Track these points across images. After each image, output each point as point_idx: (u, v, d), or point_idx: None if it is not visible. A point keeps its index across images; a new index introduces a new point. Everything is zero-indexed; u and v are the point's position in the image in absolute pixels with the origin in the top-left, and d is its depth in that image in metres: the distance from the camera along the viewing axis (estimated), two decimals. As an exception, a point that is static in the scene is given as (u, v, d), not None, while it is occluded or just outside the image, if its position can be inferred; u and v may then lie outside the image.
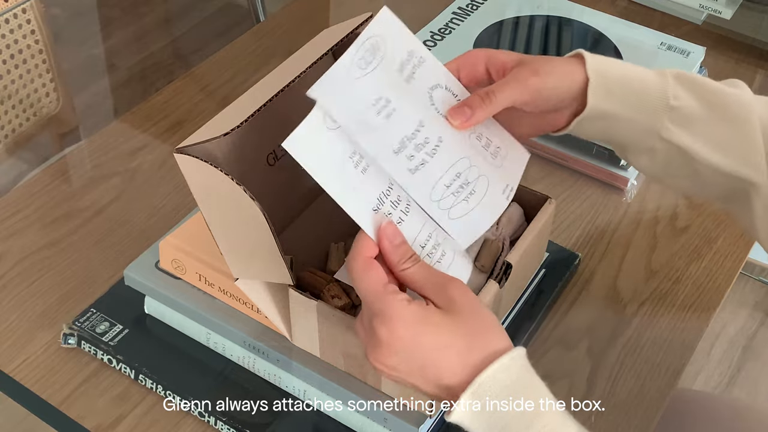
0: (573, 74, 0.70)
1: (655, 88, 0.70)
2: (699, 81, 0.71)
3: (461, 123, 0.67)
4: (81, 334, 0.79)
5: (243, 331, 0.74)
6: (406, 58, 0.66)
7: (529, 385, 0.58)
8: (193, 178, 0.65)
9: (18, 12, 1.35)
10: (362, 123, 0.62)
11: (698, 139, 0.70)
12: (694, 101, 0.70)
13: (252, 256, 0.67)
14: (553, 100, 0.69)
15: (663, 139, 0.70)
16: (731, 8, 1.25)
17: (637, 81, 0.70)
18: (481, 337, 0.58)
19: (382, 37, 0.64)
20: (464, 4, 1.22)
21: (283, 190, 0.75)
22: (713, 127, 0.70)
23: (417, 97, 0.66)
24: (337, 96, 0.61)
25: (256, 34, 1.22)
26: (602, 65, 0.71)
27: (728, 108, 0.70)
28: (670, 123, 0.70)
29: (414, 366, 0.58)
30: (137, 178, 0.99)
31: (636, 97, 0.70)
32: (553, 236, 0.93)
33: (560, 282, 0.87)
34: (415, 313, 0.58)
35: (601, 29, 1.19)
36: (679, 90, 0.70)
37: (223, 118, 0.67)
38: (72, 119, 1.53)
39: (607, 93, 0.70)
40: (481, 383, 0.56)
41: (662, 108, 0.70)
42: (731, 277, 0.91)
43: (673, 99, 0.69)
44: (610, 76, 0.70)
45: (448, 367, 0.57)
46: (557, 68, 0.70)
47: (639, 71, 0.71)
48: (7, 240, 0.90)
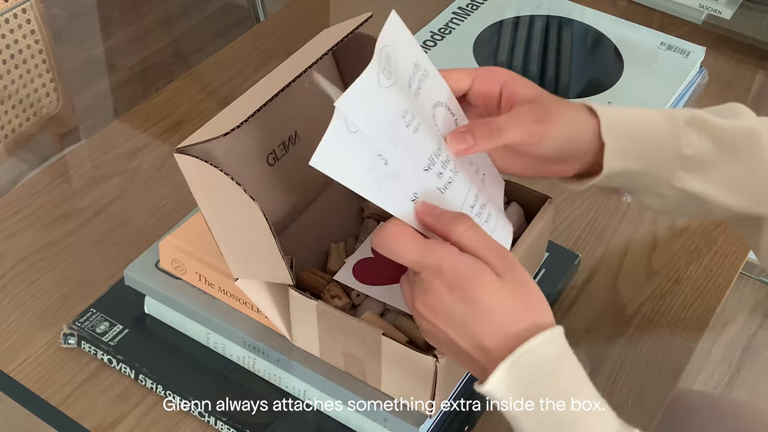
0: (583, 127, 0.67)
1: (667, 139, 0.68)
2: (710, 122, 0.69)
3: (461, 150, 0.63)
4: (81, 334, 0.79)
5: (243, 331, 0.74)
6: (413, 71, 0.62)
7: (569, 363, 0.58)
8: (193, 178, 0.65)
9: (18, 12, 1.35)
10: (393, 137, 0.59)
11: (710, 183, 0.69)
12: (706, 146, 0.68)
13: (252, 256, 0.67)
14: (555, 150, 0.66)
15: (674, 187, 0.69)
16: (731, 8, 1.25)
17: (649, 133, 0.68)
18: (527, 310, 0.58)
19: (393, 46, 0.60)
20: (464, 4, 1.22)
21: (283, 190, 0.75)
22: (725, 170, 0.69)
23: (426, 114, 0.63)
24: (365, 107, 0.57)
25: (256, 34, 1.22)
26: (615, 123, 0.67)
27: (739, 147, 0.69)
28: (682, 171, 0.69)
29: (457, 316, 0.57)
30: (137, 178, 0.99)
31: (648, 150, 0.68)
32: (553, 236, 0.93)
33: (560, 282, 0.87)
34: (470, 265, 0.57)
35: (601, 29, 1.19)
36: (691, 136, 0.68)
37: (223, 118, 0.67)
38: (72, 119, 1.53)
39: (621, 153, 0.67)
40: (522, 354, 0.56)
41: (675, 158, 0.68)
42: (731, 277, 0.91)
43: (686, 147, 0.68)
44: (623, 134, 0.67)
45: (489, 329, 0.57)
46: (568, 117, 0.67)
47: (650, 120, 0.69)
48: (7, 240, 0.90)
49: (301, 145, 0.77)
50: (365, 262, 0.70)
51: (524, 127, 0.65)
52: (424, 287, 0.58)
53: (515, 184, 0.78)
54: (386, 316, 0.70)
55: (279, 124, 0.75)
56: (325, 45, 0.71)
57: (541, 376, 0.56)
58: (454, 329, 0.58)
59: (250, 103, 0.66)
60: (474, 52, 1.13)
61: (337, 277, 0.69)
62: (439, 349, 0.63)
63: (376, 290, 0.68)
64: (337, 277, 0.69)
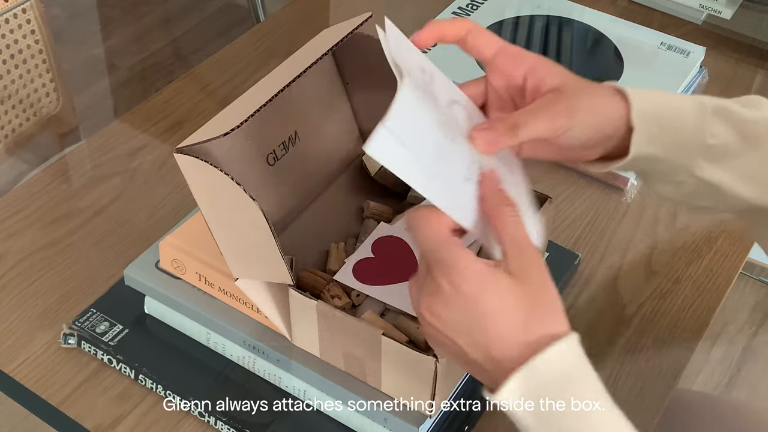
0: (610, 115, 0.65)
1: (692, 127, 0.67)
2: (736, 112, 0.68)
3: (486, 147, 0.61)
4: (81, 334, 0.79)
5: (243, 331, 0.74)
6: (421, 77, 0.60)
7: (584, 374, 0.56)
8: (193, 178, 0.65)
9: (18, 12, 1.35)
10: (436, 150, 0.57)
11: (729, 173, 0.68)
12: (730, 136, 0.68)
13: (252, 256, 0.67)
14: (580, 140, 0.64)
15: (694, 176, 0.68)
16: (731, 8, 1.25)
17: (676, 120, 0.67)
18: (542, 317, 0.56)
19: (401, 56, 0.58)
20: (464, 4, 1.22)
21: (283, 190, 0.75)
22: (745, 160, 0.68)
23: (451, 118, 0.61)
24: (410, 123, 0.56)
25: (256, 34, 1.22)
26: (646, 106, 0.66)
27: (761, 138, 0.68)
28: (704, 161, 0.68)
29: (464, 324, 0.55)
30: (137, 178, 0.99)
31: (674, 137, 0.67)
32: (553, 236, 0.93)
33: (560, 282, 0.87)
34: (481, 271, 0.55)
35: (601, 29, 1.19)
36: (717, 125, 0.67)
37: (223, 118, 0.67)
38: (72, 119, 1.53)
39: (648, 138, 0.66)
40: (536, 365, 0.54)
41: (698, 147, 0.67)
42: (731, 277, 0.91)
43: (710, 137, 0.67)
44: (651, 119, 0.66)
45: (499, 337, 0.55)
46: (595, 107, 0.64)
47: (678, 107, 0.67)
48: (7, 240, 0.90)
49: (301, 145, 0.77)
50: (365, 262, 0.70)
51: (547, 121, 0.62)
52: (433, 288, 0.56)
53: (515, 184, 0.78)
54: (386, 316, 0.70)
55: (279, 124, 0.75)
56: (325, 45, 0.71)
57: (555, 388, 0.54)
58: (462, 337, 0.55)
59: (250, 103, 0.66)
60: (474, 52, 1.13)
61: (337, 277, 0.69)
62: (444, 357, 0.61)
63: (376, 290, 0.68)
64: (337, 277, 0.69)
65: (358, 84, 0.80)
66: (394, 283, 0.68)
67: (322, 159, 0.79)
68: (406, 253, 0.71)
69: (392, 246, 0.71)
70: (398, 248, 0.71)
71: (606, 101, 0.65)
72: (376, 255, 0.70)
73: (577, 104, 0.63)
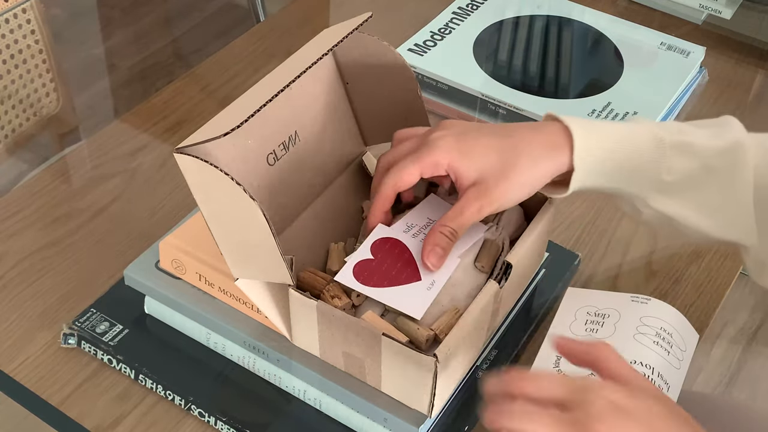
0: (543, 176, 0.70)
1: (648, 164, 0.69)
2: (697, 147, 0.69)
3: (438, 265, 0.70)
4: (81, 334, 0.79)
5: (243, 331, 0.74)
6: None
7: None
8: (193, 178, 0.65)
9: (18, 12, 1.35)
10: None
11: (687, 205, 0.69)
12: (689, 171, 0.68)
13: (252, 256, 0.67)
14: (516, 202, 0.71)
15: (649, 206, 0.70)
16: (731, 8, 1.25)
17: (628, 157, 0.69)
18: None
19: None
20: (464, 4, 1.22)
21: (283, 190, 0.75)
22: (705, 194, 0.69)
23: None
24: None
25: (256, 34, 1.22)
26: (591, 146, 0.69)
27: (723, 172, 0.69)
28: (659, 194, 0.69)
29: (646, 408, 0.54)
30: (137, 178, 0.99)
31: (625, 173, 0.69)
32: (553, 236, 0.93)
33: (560, 282, 0.87)
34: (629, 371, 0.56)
35: (601, 29, 1.19)
36: (675, 161, 0.68)
37: (223, 118, 0.67)
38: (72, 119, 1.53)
39: (591, 173, 0.69)
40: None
41: (653, 182, 0.69)
42: (731, 277, 0.91)
43: (666, 173, 0.68)
44: (599, 157, 0.69)
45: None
46: (519, 184, 0.69)
47: (634, 142, 0.69)
48: (7, 240, 0.90)
49: (301, 145, 0.77)
50: (365, 263, 0.70)
51: (474, 216, 0.69)
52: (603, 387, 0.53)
53: (515, 184, 0.78)
54: (386, 316, 0.70)
55: (279, 124, 0.75)
56: (325, 45, 0.71)
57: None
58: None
59: (250, 103, 0.66)
60: (474, 52, 1.13)
61: (337, 278, 0.69)
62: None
63: (376, 291, 0.68)
64: (337, 278, 0.69)
65: (358, 84, 0.80)
66: (395, 285, 0.68)
67: (322, 159, 0.79)
68: (405, 255, 0.71)
69: (391, 247, 0.71)
70: (397, 250, 0.71)
71: (538, 168, 0.69)
72: (376, 256, 0.70)
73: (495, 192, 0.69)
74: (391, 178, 0.70)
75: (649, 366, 0.73)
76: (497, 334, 0.79)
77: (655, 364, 0.73)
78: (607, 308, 0.79)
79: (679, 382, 0.75)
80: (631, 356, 0.74)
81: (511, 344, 0.80)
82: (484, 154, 0.69)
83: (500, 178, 0.69)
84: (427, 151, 0.70)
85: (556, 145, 0.69)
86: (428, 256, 0.69)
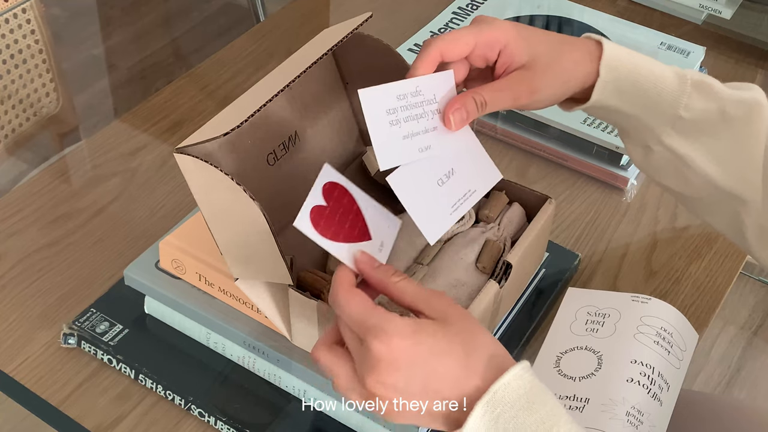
0: (577, 77, 0.69)
1: (668, 95, 0.69)
2: (717, 90, 0.69)
3: (459, 126, 0.67)
4: (81, 334, 0.79)
5: (243, 331, 0.74)
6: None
7: (543, 395, 0.56)
8: (193, 178, 0.65)
9: (18, 12, 1.35)
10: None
11: (698, 148, 0.69)
12: (706, 112, 0.69)
13: (252, 256, 0.67)
14: (547, 104, 0.70)
15: (662, 143, 0.70)
16: (731, 8, 1.25)
17: (652, 82, 0.69)
18: (476, 342, 0.57)
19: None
20: (464, 4, 1.22)
21: (283, 190, 0.75)
22: (717, 140, 0.69)
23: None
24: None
25: (256, 34, 1.22)
26: (618, 60, 0.69)
27: (738, 122, 0.69)
28: (673, 130, 0.69)
29: (415, 379, 0.56)
30: (137, 178, 0.99)
31: (646, 99, 0.69)
32: (553, 236, 0.93)
33: (560, 282, 0.87)
34: (409, 324, 0.56)
35: (601, 29, 1.19)
36: (695, 99, 0.69)
37: (223, 118, 0.67)
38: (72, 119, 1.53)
39: (615, 90, 0.69)
40: (497, 391, 0.55)
41: (670, 116, 0.69)
42: (731, 277, 0.91)
43: (684, 109, 0.68)
44: (623, 73, 0.69)
45: (448, 376, 0.56)
46: (560, 81, 0.69)
47: (657, 71, 0.70)
48: (7, 240, 0.90)
49: (301, 145, 0.77)
50: (320, 209, 0.67)
51: (510, 100, 0.68)
52: (371, 362, 0.56)
53: (516, 185, 0.78)
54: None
55: (279, 124, 0.75)
56: (325, 45, 0.71)
57: (518, 410, 0.55)
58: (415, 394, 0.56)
59: (250, 103, 0.66)
60: (474, 52, 1.13)
61: (296, 224, 0.65)
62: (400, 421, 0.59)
63: (334, 246, 0.66)
64: (296, 224, 0.65)
65: (358, 84, 0.80)
66: (348, 242, 0.66)
67: (322, 159, 0.79)
68: (354, 207, 0.68)
69: (339, 195, 0.68)
70: (345, 200, 0.67)
71: (574, 67, 0.69)
72: (328, 203, 0.67)
73: (540, 82, 0.68)
74: (440, 40, 0.66)
75: (649, 365, 0.73)
76: (497, 333, 0.79)
77: (655, 364, 0.73)
78: (608, 308, 0.79)
79: (679, 382, 0.75)
80: (631, 356, 0.74)
81: (512, 344, 0.80)
82: (538, 38, 0.69)
83: (547, 70, 0.68)
84: (488, 26, 0.68)
85: (591, 53, 0.69)
86: (453, 112, 0.66)
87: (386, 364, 0.56)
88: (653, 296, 0.80)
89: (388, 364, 0.56)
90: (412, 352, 0.56)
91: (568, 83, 0.69)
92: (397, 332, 0.56)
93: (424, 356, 0.56)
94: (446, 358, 0.56)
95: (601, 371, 0.73)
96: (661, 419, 0.72)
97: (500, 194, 0.78)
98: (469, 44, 0.67)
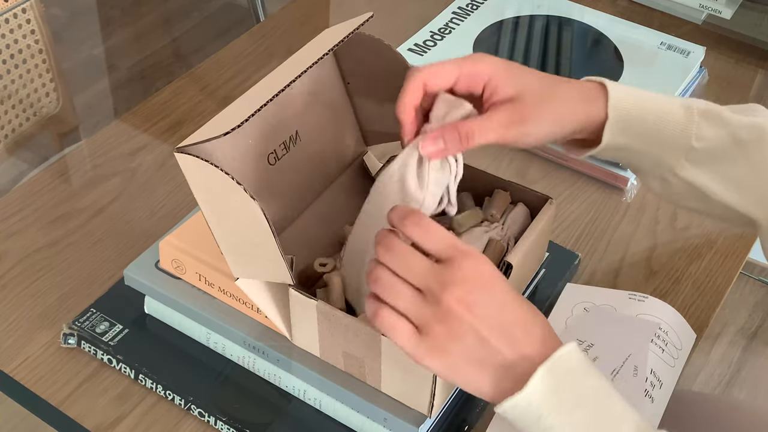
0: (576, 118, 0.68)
1: (678, 127, 0.68)
2: (725, 117, 0.69)
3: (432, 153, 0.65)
4: (81, 334, 0.79)
5: (243, 331, 0.74)
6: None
7: (594, 368, 0.58)
8: (193, 178, 0.65)
9: (18, 12, 1.35)
10: None
11: (714, 177, 0.69)
12: (717, 141, 0.68)
13: (252, 256, 0.67)
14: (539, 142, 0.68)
15: (677, 175, 0.70)
16: (731, 8, 1.25)
17: (660, 116, 0.69)
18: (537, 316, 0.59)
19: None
20: (464, 4, 1.22)
21: (283, 190, 0.75)
22: (731, 167, 0.69)
23: None
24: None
25: (256, 34, 1.22)
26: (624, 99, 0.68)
27: (750, 146, 0.69)
28: (687, 162, 0.69)
29: (492, 308, 0.56)
30: (137, 178, 0.99)
31: (655, 133, 0.69)
32: (553, 236, 0.93)
33: (560, 282, 0.86)
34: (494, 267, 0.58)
35: (601, 29, 1.19)
36: (704, 128, 0.68)
37: (223, 118, 0.67)
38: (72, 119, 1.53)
39: (625, 129, 0.68)
40: (560, 357, 0.56)
41: (682, 148, 0.69)
42: (731, 277, 0.91)
43: (696, 140, 0.68)
44: (631, 112, 0.68)
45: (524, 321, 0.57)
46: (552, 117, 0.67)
47: (664, 106, 0.69)
48: (7, 240, 0.90)
49: (302, 145, 0.77)
50: None
51: (496, 132, 0.65)
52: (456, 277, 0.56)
53: (517, 185, 0.78)
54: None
55: (279, 123, 0.75)
56: (326, 45, 0.71)
57: (579, 377, 0.57)
58: (488, 328, 0.56)
59: (251, 102, 0.66)
60: (474, 51, 1.13)
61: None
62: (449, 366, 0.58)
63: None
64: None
65: (359, 84, 0.80)
66: None
67: (323, 159, 0.79)
68: None
69: None
70: None
71: (570, 105, 0.68)
72: None
73: (529, 115, 0.66)
74: (423, 70, 0.65)
75: (643, 362, 0.73)
76: (497, 334, 0.79)
77: (649, 361, 0.73)
78: (604, 304, 0.79)
79: (672, 380, 0.75)
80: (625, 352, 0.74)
81: (511, 344, 0.80)
82: (528, 76, 0.68)
83: (538, 103, 0.67)
84: (472, 59, 0.67)
85: (591, 94, 0.69)
86: (428, 139, 0.64)
87: (473, 281, 0.56)
88: (653, 296, 0.80)
89: (475, 282, 0.56)
90: (499, 284, 0.57)
91: (562, 121, 0.68)
92: (488, 262, 0.57)
93: (505, 293, 0.57)
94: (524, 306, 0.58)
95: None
96: (652, 416, 0.72)
97: (504, 193, 0.78)
98: (452, 74, 0.67)
